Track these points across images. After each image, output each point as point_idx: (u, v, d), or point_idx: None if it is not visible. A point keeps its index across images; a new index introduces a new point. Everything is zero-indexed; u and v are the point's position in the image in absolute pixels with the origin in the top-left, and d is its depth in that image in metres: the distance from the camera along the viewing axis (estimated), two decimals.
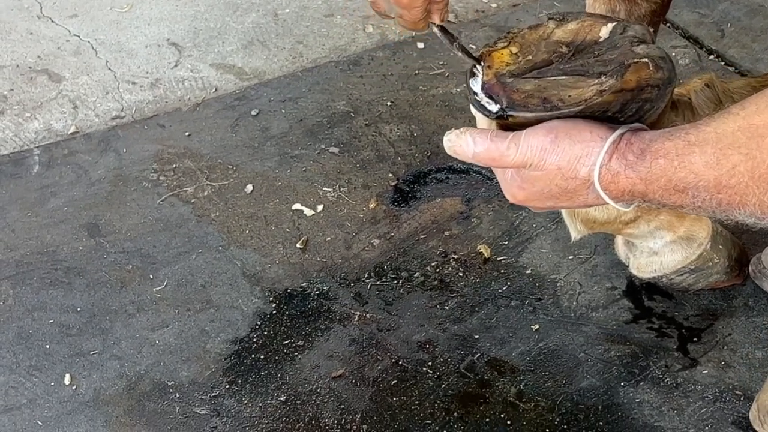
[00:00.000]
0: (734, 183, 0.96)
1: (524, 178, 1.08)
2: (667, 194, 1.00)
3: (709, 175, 0.97)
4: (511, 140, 1.06)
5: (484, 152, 1.08)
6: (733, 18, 2.61)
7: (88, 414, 1.69)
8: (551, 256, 1.95)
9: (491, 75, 1.12)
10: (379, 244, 2.00)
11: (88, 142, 2.30)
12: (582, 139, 1.03)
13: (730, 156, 0.95)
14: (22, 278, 1.94)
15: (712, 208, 0.99)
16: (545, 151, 1.04)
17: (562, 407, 1.67)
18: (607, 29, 1.14)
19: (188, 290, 1.91)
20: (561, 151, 1.04)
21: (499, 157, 1.07)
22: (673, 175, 0.98)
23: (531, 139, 1.05)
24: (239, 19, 2.74)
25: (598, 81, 1.06)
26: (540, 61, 1.13)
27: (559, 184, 1.06)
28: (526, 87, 1.09)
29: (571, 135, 1.04)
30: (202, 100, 2.43)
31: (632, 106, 1.06)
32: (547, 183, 1.07)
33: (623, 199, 1.05)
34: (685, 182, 0.98)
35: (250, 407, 1.69)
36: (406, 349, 1.78)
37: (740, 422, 1.63)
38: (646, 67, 1.06)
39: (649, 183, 1.00)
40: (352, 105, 2.38)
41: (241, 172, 2.19)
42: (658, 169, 0.99)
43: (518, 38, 1.17)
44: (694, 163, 0.97)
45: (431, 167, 2.19)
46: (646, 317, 1.82)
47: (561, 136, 1.04)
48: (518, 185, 1.10)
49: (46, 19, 2.74)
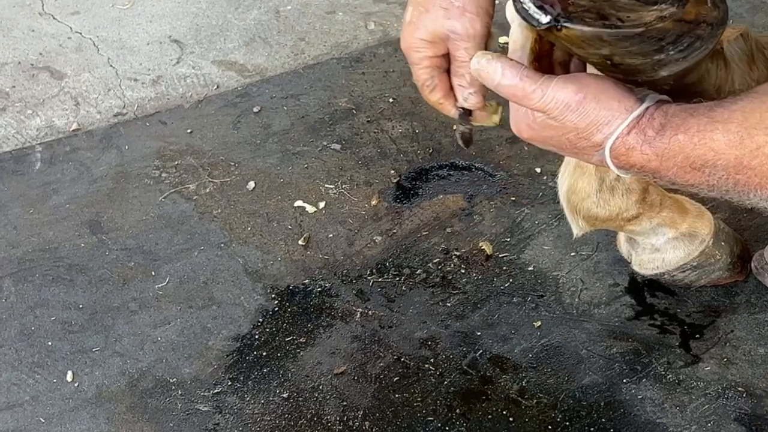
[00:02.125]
0: (756, 164, 0.94)
1: (538, 121, 1.06)
2: (682, 172, 0.99)
3: (730, 154, 0.95)
4: (540, 85, 1.03)
5: (509, 87, 1.05)
6: (735, 14, 2.61)
7: (90, 411, 1.69)
8: (553, 252, 1.95)
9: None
10: (381, 240, 2.00)
11: (90, 139, 2.30)
12: (608, 107, 1.01)
13: (755, 136, 0.94)
14: (24, 275, 1.94)
15: (726, 188, 0.97)
16: (569, 107, 1.02)
17: (564, 404, 1.67)
18: None
19: (190, 287, 1.91)
20: (584, 112, 1.02)
21: (522, 96, 1.04)
22: (691, 152, 0.97)
23: (559, 92, 1.02)
24: (241, 16, 2.73)
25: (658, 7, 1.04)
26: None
27: (570, 139, 1.04)
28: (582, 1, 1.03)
29: (599, 99, 1.02)
30: (204, 97, 2.43)
31: (685, 40, 1.03)
32: (559, 134, 1.05)
33: (630, 171, 1.03)
34: (703, 159, 0.96)
35: (253, 404, 1.69)
36: (408, 346, 1.78)
37: (743, 419, 1.63)
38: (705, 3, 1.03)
39: (665, 159, 0.99)
40: (354, 102, 2.38)
41: (243, 169, 2.19)
42: (676, 145, 0.98)
43: None
44: (715, 140, 0.95)
45: (433, 164, 2.19)
46: (649, 314, 1.82)
47: (589, 97, 1.02)
48: (529, 124, 1.08)
49: (47, 16, 2.74)
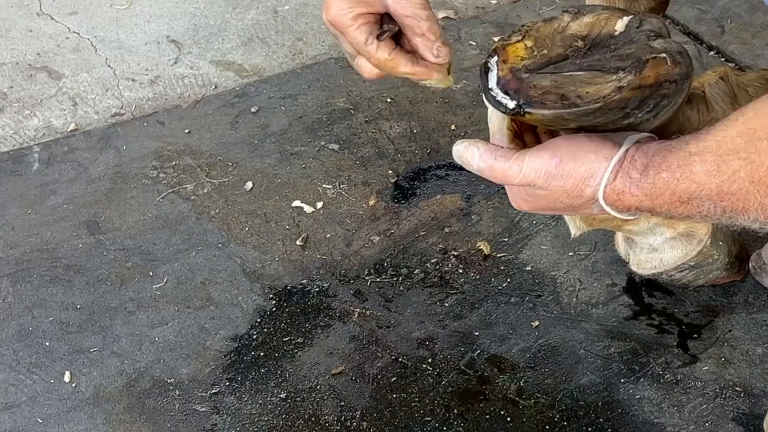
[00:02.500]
0: (735, 189, 0.94)
1: (529, 193, 1.08)
2: (674, 207, 1.00)
3: (710, 183, 0.96)
4: (514, 161, 1.05)
5: (487, 169, 1.08)
6: (733, 14, 2.61)
7: (88, 411, 1.69)
8: (551, 252, 1.95)
9: (506, 70, 1.09)
10: (378, 241, 2.00)
11: (88, 140, 2.29)
12: (587, 161, 1.02)
13: (729, 162, 0.94)
14: (21, 276, 1.94)
15: (717, 216, 0.98)
16: (549, 174, 1.03)
17: (562, 404, 1.67)
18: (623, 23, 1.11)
19: (188, 287, 1.91)
20: (566, 174, 1.03)
21: (502, 176, 1.06)
22: (676, 187, 0.97)
23: (535, 162, 1.04)
24: (239, 16, 2.73)
25: (616, 77, 1.04)
26: (555, 56, 1.10)
27: (564, 202, 1.06)
28: (543, 83, 1.06)
29: (575, 156, 1.03)
30: (202, 97, 2.43)
31: (650, 102, 1.05)
32: (553, 200, 1.06)
33: (631, 212, 1.04)
34: (688, 193, 0.97)
35: (250, 404, 1.69)
36: (405, 346, 1.78)
37: (740, 419, 1.63)
38: (664, 63, 1.04)
39: (655, 198, 1.00)
40: (352, 102, 2.38)
41: (241, 169, 2.19)
42: (661, 183, 0.98)
43: (533, 32, 1.13)
44: (695, 173, 0.96)
45: (431, 164, 2.19)
46: (646, 314, 1.82)
47: (565, 158, 1.03)
48: (523, 198, 1.10)
49: (45, 17, 2.74)
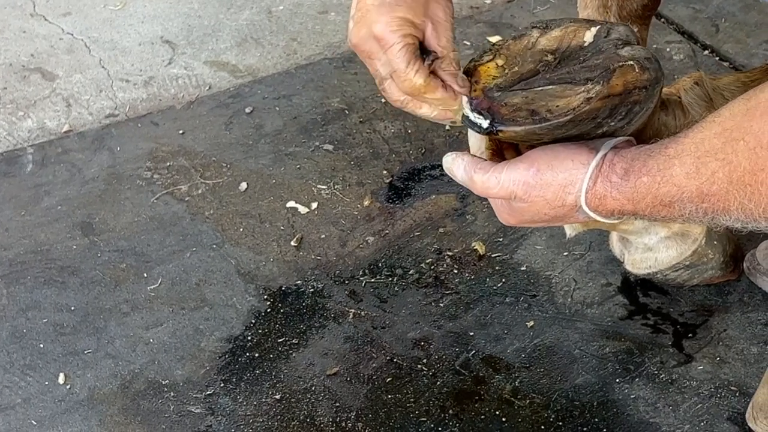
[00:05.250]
0: (715, 190, 0.95)
1: (513, 207, 1.08)
2: (656, 210, 1.00)
3: (690, 185, 0.96)
4: (492, 173, 1.06)
5: (469, 182, 1.09)
6: (727, 13, 2.61)
7: (82, 413, 1.69)
8: (546, 252, 1.95)
9: (479, 90, 1.11)
10: (373, 241, 2.00)
11: (82, 141, 2.29)
12: (564, 168, 1.02)
13: (708, 163, 0.94)
14: (15, 277, 1.94)
15: (699, 218, 0.98)
16: (528, 184, 1.03)
17: (557, 404, 1.67)
18: (591, 33, 1.12)
19: (182, 288, 1.91)
20: (544, 183, 1.03)
21: (482, 188, 1.07)
22: (657, 191, 0.98)
23: (512, 173, 1.04)
24: (233, 17, 2.73)
25: (584, 88, 1.05)
26: (527, 72, 1.11)
27: (548, 213, 1.06)
28: (514, 100, 1.07)
29: (552, 165, 1.03)
30: (196, 98, 2.42)
31: (621, 110, 1.05)
32: (536, 212, 1.07)
33: (615, 217, 1.05)
34: (669, 196, 0.98)
35: (245, 405, 1.69)
36: (400, 347, 1.78)
37: (735, 418, 1.63)
38: (632, 70, 1.05)
39: (636, 202, 1.00)
40: (347, 102, 2.37)
41: (235, 170, 2.18)
42: (642, 187, 0.99)
43: (503, 50, 1.15)
44: (675, 176, 0.96)
45: (426, 164, 2.18)
46: (641, 313, 1.82)
47: (543, 168, 1.03)
48: (508, 212, 1.11)
49: (39, 17, 2.73)
